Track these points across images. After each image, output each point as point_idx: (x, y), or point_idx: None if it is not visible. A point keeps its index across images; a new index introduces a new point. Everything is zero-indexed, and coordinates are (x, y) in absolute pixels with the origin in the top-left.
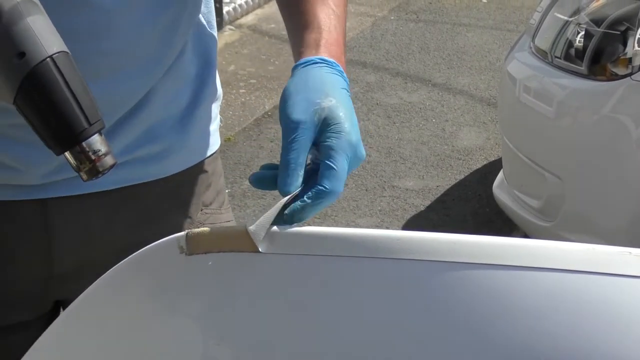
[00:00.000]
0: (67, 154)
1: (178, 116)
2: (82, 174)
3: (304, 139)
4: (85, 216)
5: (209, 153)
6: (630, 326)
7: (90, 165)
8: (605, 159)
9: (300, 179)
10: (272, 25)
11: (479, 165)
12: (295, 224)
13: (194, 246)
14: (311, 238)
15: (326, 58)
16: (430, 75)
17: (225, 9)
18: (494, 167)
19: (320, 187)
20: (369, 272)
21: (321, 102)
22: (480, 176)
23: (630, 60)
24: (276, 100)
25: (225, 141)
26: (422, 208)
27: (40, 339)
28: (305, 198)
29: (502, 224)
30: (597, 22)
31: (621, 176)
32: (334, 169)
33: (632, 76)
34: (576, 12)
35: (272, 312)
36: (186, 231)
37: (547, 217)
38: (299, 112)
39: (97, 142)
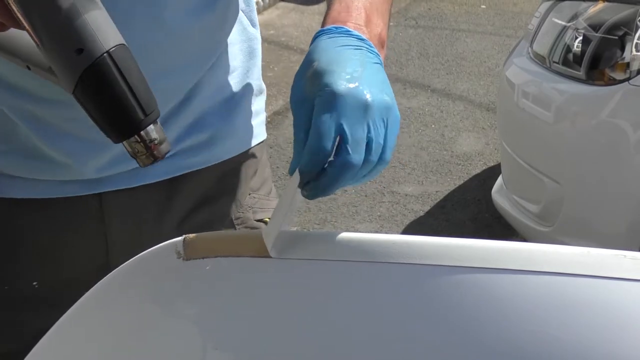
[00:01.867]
0: (124, 143)
1: (224, 105)
2: (139, 161)
3: (298, 116)
4: (139, 207)
5: (255, 142)
6: (626, 328)
7: (147, 153)
8: (603, 163)
9: (300, 157)
10: (272, 32)
11: (478, 171)
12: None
13: (191, 251)
14: (314, 242)
15: (331, 27)
16: (430, 81)
17: None
18: (493, 172)
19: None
20: (367, 276)
21: (306, 72)
22: (480, 181)
23: (628, 65)
24: (276, 106)
25: None
26: (422, 213)
27: (38, 345)
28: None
29: (502, 229)
30: (594, 27)
31: (620, 181)
32: (315, 130)
33: (630, 81)
34: (574, 17)
35: (270, 317)
36: (183, 236)
37: (546, 222)
38: (293, 94)
39: (153, 131)
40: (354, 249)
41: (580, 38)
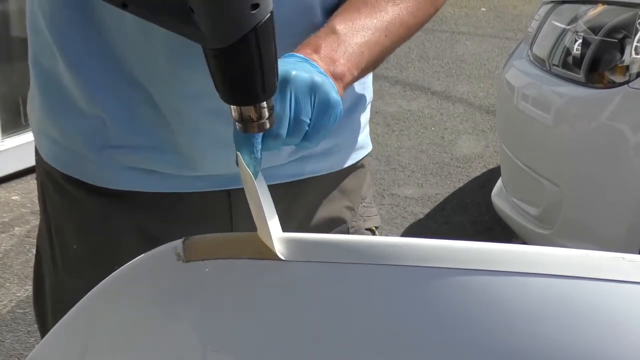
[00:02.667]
0: (241, 107)
1: (347, 114)
2: (246, 127)
3: None
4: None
5: (365, 153)
6: (624, 331)
7: (257, 123)
8: (603, 166)
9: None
10: None
11: (478, 173)
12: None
13: (190, 253)
14: (315, 245)
15: (295, 54)
16: (429, 84)
17: None
18: (492, 174)
19: None
20: (366, 279)
21: None
22: (479, 184)
23: (627, 67)
24: None
25: None
26: (422, 216)
27: (38, 347)
28: None
29: (501, 231)
30: (594, 30)
31: (619, 183)
32: None
33: (630, 84)
34: (574, 20)
35: (270, 318)
36: (183, 238)
37: (546, 224)
38: None
39: (269, 104)
40: (354, 251)
41: (580, 41)
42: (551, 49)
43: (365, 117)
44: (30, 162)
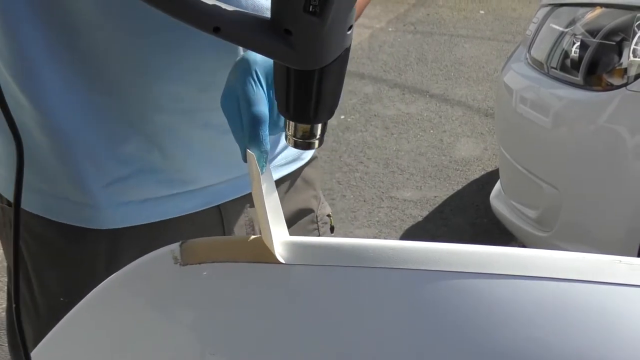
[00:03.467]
0: (297, 123)
1: None
2: (295, 142)
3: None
4: (248, 210)
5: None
6: (621, 333)
7: (306, 142)
8: (601, 169)
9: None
10: None
11: (476, 176)
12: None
13: (187, 256)
14: (313, 248)
15: None
16: (428, 87)
17: None
18: (491, 177)
19: None
20: (364, 282)
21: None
22: (478, 187)
23: (625, 70)
24: None
25: None
26: (420, 219)
27: (37, 348)
28: None
29: (500, 234)
30: (592, 32)
31: (617, 186)
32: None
33: (628, 86)
34: (572, 23)
35: (267, 322)
36: (180, 242)
37: (545, 227)
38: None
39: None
40: (352, 254)
41: (578, 44)
42: (549, 52)
43: None
44: None
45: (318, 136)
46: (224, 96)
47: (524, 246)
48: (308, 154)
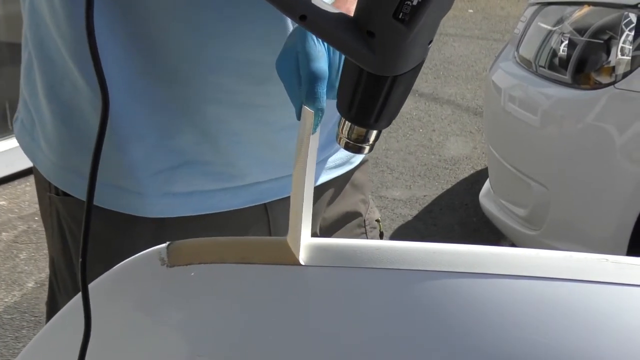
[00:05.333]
0: (353, 125)
1: None
2: (347, 144)
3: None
4: None
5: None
6: (609, 332)
7: (357, 145)
8: (589, 167)
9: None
10: None
11: (466, 175)
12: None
13: (174, 258)
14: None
15: None
16: (417, 85)
17: None
18: (480, 176)
19: None
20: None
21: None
22: (467, 185)
23: (613, 68)
24: None
25: None
26: (410, 218)
27: (23, 352)
28: None
29: (489, 232)
30: (580, 31)
31: (606, 184)
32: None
33: (616, 85)
34: (560, 21)
35: (255, 323)
36: (167, 243)
37: (534, 225)
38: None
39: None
40: (343, 255)
41: (566, 42)
42: (537, 51)
43: None
44: (17, 167)
45: (370, 142)
46: (280, 57)
47: (513, 245)
48: (358, 158)
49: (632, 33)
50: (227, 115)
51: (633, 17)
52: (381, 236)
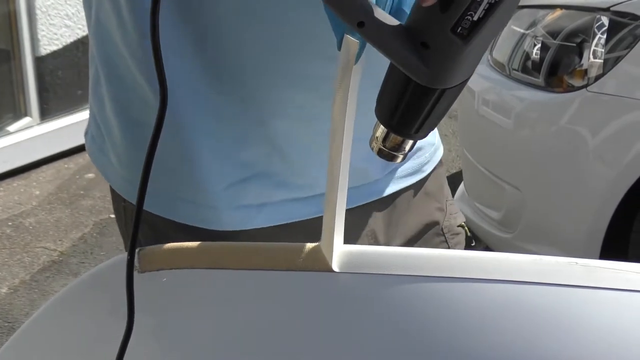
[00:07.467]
0: (390, 131)
1: None
2: (380, 150)
3: None
4: (367, 224)
5: (442, 152)
6: (578, 335)
7: (391, 153)
8: (563, 169)
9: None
10: None
11: None
12: None
13: (145, 263)
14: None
15: None
16: None
17: None
18: (455, 179)
19: None
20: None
21: None
22: None
23: (586, 71)
24: None
25: None
26: None
27: None
28: None
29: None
30: (553, 34)
31: (579, 187)
32: None
33: (588, 87)
34: (532, 24)
35: (228, 328)
36: (138, 248)
37: (508, 228)
38: None
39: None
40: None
41: (539, 45)
42: (510, 54)
43: None
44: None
45: (405, 151)
46: None
47: (488, 248)
48: (430, 166)
49: (604, 36)
50: (296, 128)
51: (605, 20)
52: (470, 240)
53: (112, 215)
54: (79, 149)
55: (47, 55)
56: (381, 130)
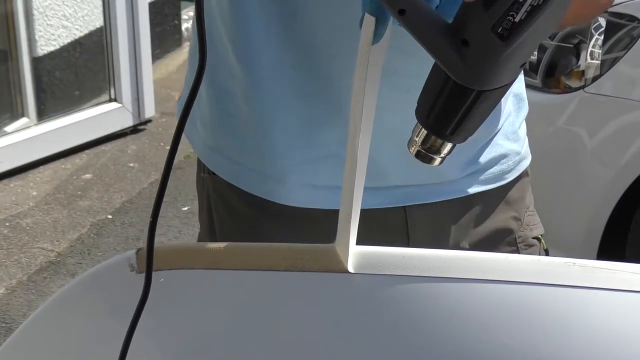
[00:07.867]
0: (431, 134)
1: (510, 128)
2: (417, 151)
3: None
4: (438, 221)
5: (529, 162)
6: (575, 335)
7: (428, 155)
8: (560, 170)
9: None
10: None
11: None
12: None
13: (144, 264)
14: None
15: None
16: None
17: (184, 25)
18: None
19: None
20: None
21: None
22: None
23: (583, 72)
24: None
25: (185, 158)
26: None
27: None
28: None
29: None
30: (550, 35)
31: (576, 188)
32: None
33: (585, 89)
34: None
35: (226, 328)
36: (136, 249)
37: None
38: None
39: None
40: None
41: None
42: None
43: (524, 128)
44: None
45: (442, 154)
46: None
47: None
48: (512, 175)
49: (602, 37)
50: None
51: (602, 21)
52: (546, 253)
53: (110, 216)
54: (77, 150)
55: (45, 55)
56: (421, 131)
